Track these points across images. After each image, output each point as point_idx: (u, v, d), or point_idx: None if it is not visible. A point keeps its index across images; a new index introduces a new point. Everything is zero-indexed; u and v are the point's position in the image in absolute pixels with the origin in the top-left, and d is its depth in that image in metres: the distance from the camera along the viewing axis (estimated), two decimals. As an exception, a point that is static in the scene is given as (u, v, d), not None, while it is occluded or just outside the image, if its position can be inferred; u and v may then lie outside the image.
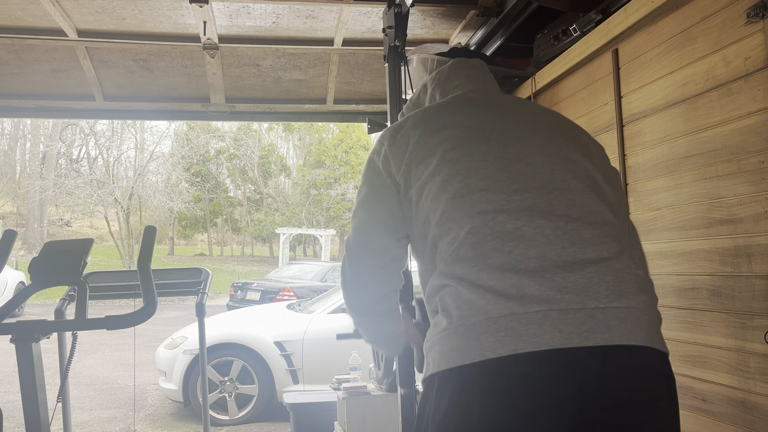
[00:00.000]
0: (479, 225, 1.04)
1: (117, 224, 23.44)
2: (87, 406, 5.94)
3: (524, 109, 1.33)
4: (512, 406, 0.92)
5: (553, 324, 0.92)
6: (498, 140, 1.17)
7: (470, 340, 0.95)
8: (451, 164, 1.13)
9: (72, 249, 2.69)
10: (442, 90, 1.44)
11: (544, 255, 0.97)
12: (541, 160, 1.13)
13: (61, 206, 26.22)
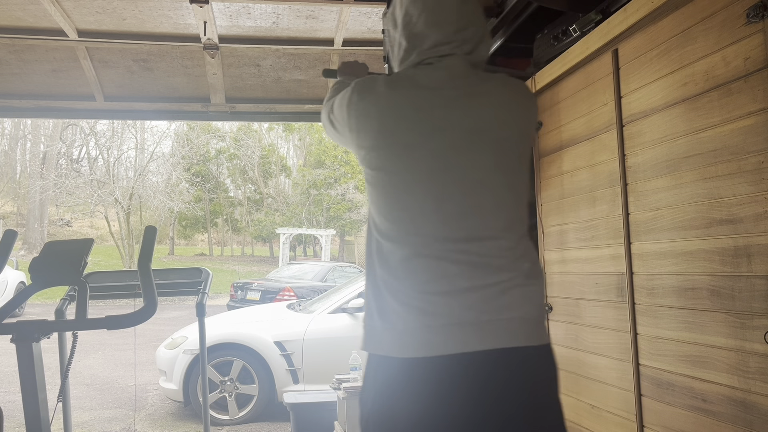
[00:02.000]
0: (413, 251, 1.30)
1: (117, 224, 23.46)
2: (87, 405, 5.94)
3: (476, 109, 1.37)
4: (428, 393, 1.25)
5: (456, 334, 1.25)
6: (442, 162, 1.33)
7: (396, 340, 1.28)
8: (407, 175, 1.33)
9: (72, 249, 2.69)
10: (417, 56, 1.43)
11: (454, 282, 1.27)
12: (467, 186, 1.33)
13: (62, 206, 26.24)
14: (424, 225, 1.30)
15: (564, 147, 2.30)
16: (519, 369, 1.26)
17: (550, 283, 2.42)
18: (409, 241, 1.30)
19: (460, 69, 1.40)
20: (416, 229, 1.30)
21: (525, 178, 1.44)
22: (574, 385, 2.24)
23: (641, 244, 1.82)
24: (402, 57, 1.45)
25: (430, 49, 1.40)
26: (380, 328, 1.31)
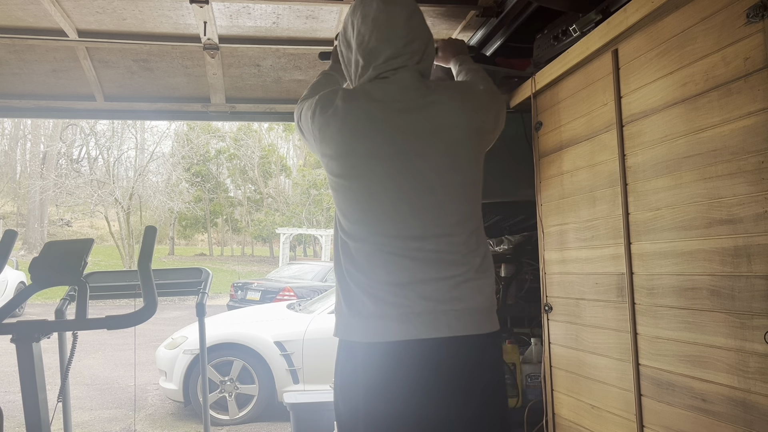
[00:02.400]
0: (375, 248, 1.43)
1: (117, 224, 23.46)
2: (87, 405, 5.94)
3: (427, 115, 1.51)
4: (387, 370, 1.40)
5: (413, 322, 1.38)
6: (399, 175, 1.46)
7: (360, 326, 1.43)
8: (370, 183, 1.47)
9: (72, 249, 2.69)
10: (373, 71, 1.57)
11: (412, 275, 1.41)
12: (420, 188, 1.46)
13: (62, 206, 26.23)
14: (383, 225, 1.43)
15: (564, 147, 2.30)
16: (471, 353, 1.40)
17: (550, 283, 2.42)
18: (370, 240, 1.43)
19: (411, 80, 1.53)
20: (376, 229, 1.43)
21: (478, 176, 1.58)
22: (574, 385, 2.24)
23: (641, 244, 1.82)
24: (360, 73, 1.59)
25: (384, 63, 1.54)
26: (347, 316, 1.46)
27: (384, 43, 1.53)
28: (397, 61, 1.53)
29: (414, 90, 1.51)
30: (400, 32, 1.53)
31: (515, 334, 2.81)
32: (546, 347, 2.45)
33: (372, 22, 1.53)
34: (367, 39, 1.54)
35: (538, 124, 2.50)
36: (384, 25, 1.53)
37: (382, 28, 1.53)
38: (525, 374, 2.68)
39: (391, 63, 1.54)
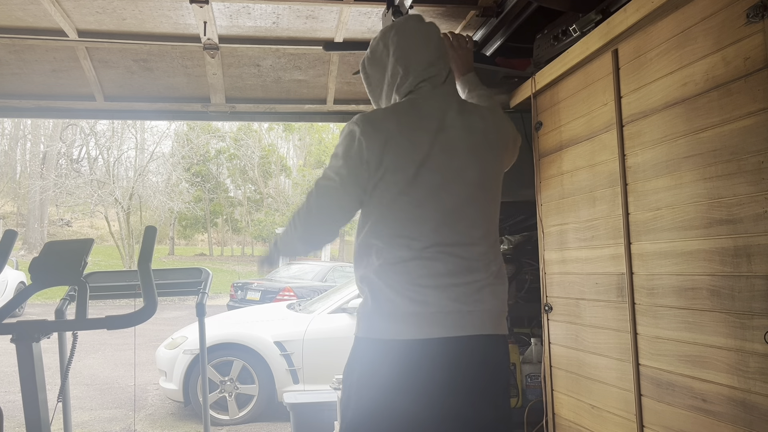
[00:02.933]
0: (410, 255, 1.53)
1: (117, 224, 23.45)
2: (87, 405, 5.94)
3: (467, 133, 1.64)
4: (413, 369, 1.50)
5: (442, 321, 1.50)
6: (443, 187, 1.58)
7: (389, 324, 1.52)
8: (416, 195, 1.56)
9: (72, 249, 2.69)
10: (414, 78, 1.69)
11: (442, 278, 1.53)
12: (457, 201, 1.58)
13: (62, 206, 26.23)
14: (421, 232, 1.54)
15: (564, 147, 2.30)
16: (486, 351, 1.54)
17: (550, 283, 2.42)
18: (407, 245, 1.53)
19: (450, 97, 1.68)
20: (414, 235, 1.53)
21: (500, 192, 1.72)
22: (574, 385, 2.24)
23: (641, 244, 1.82)
24: (399, 83, 1.69)
25: (425, 70, 1.67)
26: (375, 315, 1.54)
27: (423, 50, 1.69)
28: (434, 68, 1.68)
29: (455, 109, 1.65)
30: (433, 44, 1.71)
31: (515, 334, 2.81)
32: (546, 347, 2.45)
33: (412, 34, 1.70)
34: (407, 48, 1.69)
35: (538, 124, 2.50)
36: (423, 37, 1.71)
37: (422, 38, 1.70)
38: (525, 374, 2.68)
39: (430, 70, 1.67)
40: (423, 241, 1.53)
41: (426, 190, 1.56)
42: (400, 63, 1.68)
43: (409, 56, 1.68)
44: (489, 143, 1.66)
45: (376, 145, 1.55)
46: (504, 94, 2.69)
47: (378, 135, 1.55)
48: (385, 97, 1.74)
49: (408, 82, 1.67)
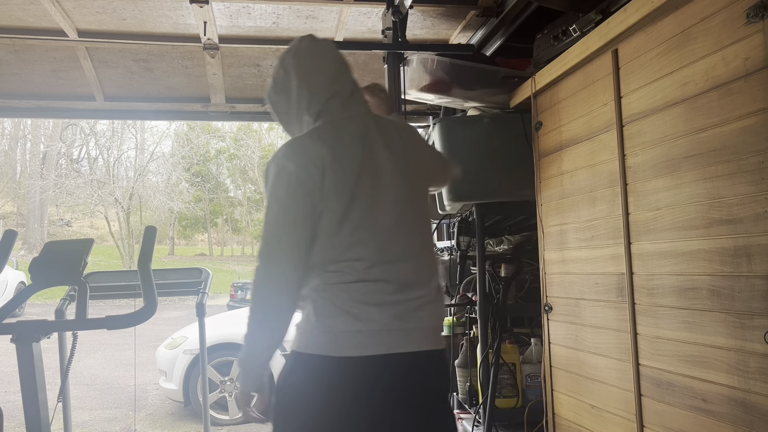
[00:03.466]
0: (354, 278, 1.53)
1: (117, 224, 23.44)
2: (87, 405, 5.94)
3: (392, 150, 1.66)
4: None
5: (384, 338, 1.52)
6: (380, 203, 1.59)
7: (332, 341, 1.52)
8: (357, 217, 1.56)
9: (72, 249, 2.69)
10: (319, 96, 1.70)
11: (384, 296, 1.55)
12: (394, 219, 1.59)
13: (62, 206, 26.21)
14: (363, 254, 1.54)
15: (564, 147, 2.30)
16: (427, 366, 1.58)
17: (550, 283, 2.42)
18: (350, 267, 1.54)
19: (362, 115, 1.70)
20: (356, 257, 1.54)
21: (428, 207, 1.75)
22: (574, 385, 2.24)
23: (641, 244, 1.82)
24: (307, 104, 1.68)
25: (327, 88, 1.68)
26: (318, 331, 1.53)
27: (322, 68, 1.70)
28: (336, 84, 1.70)
29: (373, 128, 1.67)
30: (331, 59, 1.73)
31: (515, 334, 2.81)
32: (546, 347, 2.45)
33: (308, 55, 1.71)
34: (306, 69, 1.70)
35: (538, 124, 2.50)
36: (320, 55, 1.72)
37: (318, 57, 1.72)
38: (525, 374, 2.68)
39: (333, 86, 1.69)
40: (365, 263, 1.54)
41: (362, 212, 1.55)
42: (303, 85, 1.69)
43: (310, 76, 1.69)
44: (411, 159, 1.69)
45: (315, 174, 1.53)
46: (504, 94, 2.69)
47: (314, 165, 1.53)
48: (296, 121, 1.74)
49: (315, 101, 1.68)
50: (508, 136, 2.64)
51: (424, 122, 3.75)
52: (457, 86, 2.65)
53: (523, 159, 2.60)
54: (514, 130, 2.62)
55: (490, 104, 2.73)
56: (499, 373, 2.59)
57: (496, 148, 2.65)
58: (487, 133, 2.66)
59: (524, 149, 2.59)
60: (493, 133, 2.66)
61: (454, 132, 2.68)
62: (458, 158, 2.66)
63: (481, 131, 2.67)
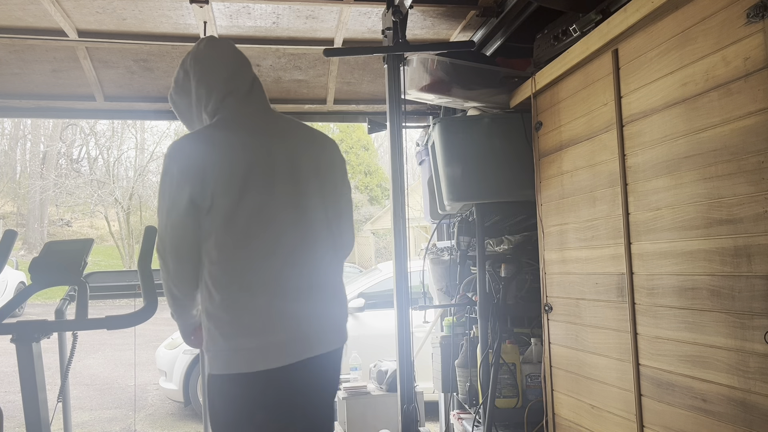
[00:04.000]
0: (254, 281, 1.59)
1: (117, 224, 23.42)
2: (87, 406, 5.94)
3: (291, 149, 1.71)
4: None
5: (296, 347, 1.62)
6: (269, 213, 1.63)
7: (245, 358, 1.58)
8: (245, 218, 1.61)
9: (72, 249, 2.69)
10: (216, 95, 1.75)
11: (289, 306, 1.63)
12: (290, 227, 1.65)
13: (62, 206, 26.19)
14: (252, 251, 1.59)
15: (564, 147, 2.30)
16: (332, 362, 1.73)
17: (550, 283, 2.42)
18: (250, 279, 1.58)
19: (259, 113, 1.75)
20: (256, 263, 1.59)
21: (332, 212, 1.75)
22: (574, 385, 2.24)
23: (641, 244, 1.82)
24: (205, 102, 1.74)
25: (224, 87, 1.73)
26: (230, 351, 1.57)
27: (219, 67, 1.76)
28: (233, 81, 1.75)
29: (272, 127, 1.72)
30: (228, 59, 1.78)
31: (515, 334, 2.81)
32: (546, 347, 2.45)
33: (206, 56, 1.77)
34: (204, 69, 1.75)
35: (538, 124, 2.50)
36: (217, 55, 1.78)
37: (215, 57, 1.77)
38: (525, 374, 2.68)
39: (229, 84, 1.74)
40: (263, 269, 1.59)
41: (251, 209, 1.60)
42: (202, 84, 1.75)
43: (208, 76, 1.75)
44: (308, 162, 1.71)
45: (197, 174, 1.58)
46: (504, 94, 2.69)
47: (196, 165, 1.59)
48: (196, 119, 1.81)
49: (213, 100, 1.73)
50: (508, 136, 2.64)
51: (424, 122, 3.75)
52: (457, 86, 2.65)
53: (523, 159, 2.60)
54: (514, 130, 2.63)
55: (490, 104, 2.73)
56: (499, 373, 2.59)
57: (496, 148, 2.65)
58: (487, 133, 2.66)
59: (524, 149, 2.59)
60: (493, 133, 2.66)
61: (454, 132, 2.68)
62: (458, 158, 2.66)
63: (481, 131, 2.67)
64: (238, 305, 1.58)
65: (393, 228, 2.52)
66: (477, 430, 2.65)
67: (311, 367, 1.63)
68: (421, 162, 3.49)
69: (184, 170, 1.60)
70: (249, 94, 1.76)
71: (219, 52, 1.78)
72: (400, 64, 2.59)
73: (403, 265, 2.49)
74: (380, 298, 5.54)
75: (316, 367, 1.65)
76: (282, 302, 1.60)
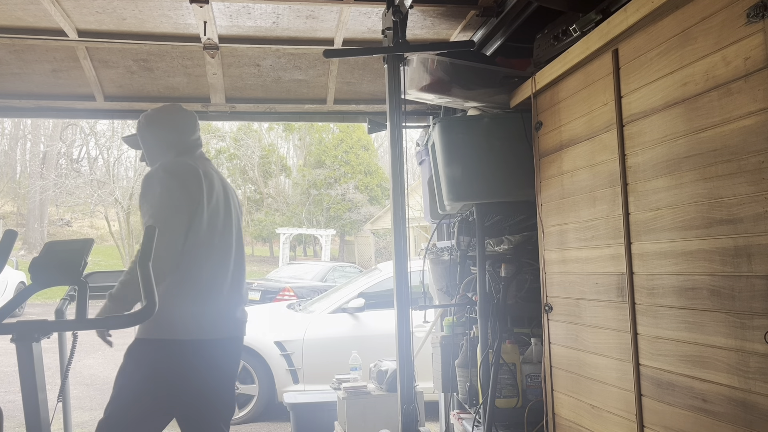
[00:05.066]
0: (211, 277, 2.31)
1: (117, 224, 23.43)
2: (87, 405, 5.94)
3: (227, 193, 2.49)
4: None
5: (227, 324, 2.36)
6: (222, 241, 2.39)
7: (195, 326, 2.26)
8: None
9: (72, 249, 2.68)
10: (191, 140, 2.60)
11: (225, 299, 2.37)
12: (232, 251, 2.41)
13: (62, 206, 26.20)
14: (203, 262, 2.27)
15: (564, 147, 2.30)
16: (238, 345, 2.41)
17: (550, 283, 2.42)
18: (211, 277, 2.29)
19: (205, 161, 2.50)
20: (196, 264, 2.26)
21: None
22: (574, 385, 2.24)
23: (641, 244, 1.82)
24: (172, 148, 2.46)
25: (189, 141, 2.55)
26: (190, 316, 2.22)
27: (178, 130, 2.59)
28: (195, 137, 2.67)
29: (216, 174, 2.45)
30: (188, 126, 2.71)
31: (515, 334, 2.81)
32: (546, 347, 2.45)
33: (171, 121, 2.57)
34: (167, 132, 2.52)
35: (538, 124, 2.50)
36: (176, 122, 2.60)
37: (174, 123, 2.58)
38: (525, 374, 2.67)
39: (194, 138, 2.64)
40: (218, 273, 2.30)
41: (210, 238, 2.29)
42: (174, 134, 2.50)
43: (178, 132, 2.50)
44: (235, 207, 2.47)
45: (198, 185, 2.28)
46: (504, 94, 2.68)
47: (195, 178, 2.28)
48: (160, 155, 2.45)
49: (181, 146, 2.47)
50: (508, 136, 2.64)
51: (424, 122, 3.75)
52: (457, 86, 2.64)
53: (523, 159, 2.60)
54: (514, 130, 2.62)
55: (490, 104, 2.73)
56: (499, 373, 2.59)
57: (496, 148, 2.65)
58: (487, 133, 2.66)
59: (524, 149, 2.59)
60: (493, 133, 2.66)
61: (454, 132, 2.68)
62: (458, 158, 2.66)
63: (481, 131, 2.67)
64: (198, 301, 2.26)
65: (393, 228, 2.52)
66: (477, 430, 2.65)
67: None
68: (421, 162, 3.49)
69: (187, 180, 2.33)
70: (200, 148, 2.61)
71: (190, 117, 2.67)
72: (400, 64, 2.59)
73: (403, 265, 2.49)
74: (380, 298, 5.55)
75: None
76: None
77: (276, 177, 31.13)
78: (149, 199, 2.20)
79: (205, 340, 2.22)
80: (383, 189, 26.27)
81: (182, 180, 2.22)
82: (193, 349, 2.20)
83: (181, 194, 2.20)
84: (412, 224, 4.38)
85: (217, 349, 2.27)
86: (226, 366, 2.34)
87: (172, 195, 2.18)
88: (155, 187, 2.20)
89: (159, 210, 2.16)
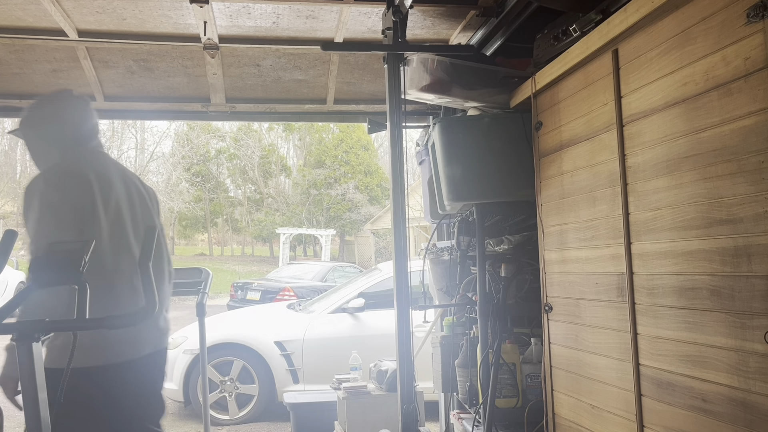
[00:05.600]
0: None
1: (117, 224, 23.40)
2: (87, 406, 5.92)
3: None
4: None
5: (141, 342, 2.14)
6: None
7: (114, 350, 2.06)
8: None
9: (72, 249, 2.68)
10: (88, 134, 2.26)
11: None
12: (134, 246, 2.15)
13: (62, 206, 26.19)
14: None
15: (564, 147, 2.30)
16: (163, 357, 2.26)
17: (550, 283, 2.42)
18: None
19: (101, 157, 2.23)
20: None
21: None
22: (574, 385, 2.24)
23: (641, 244, 1.82)
24: (54, 148, 2.14)
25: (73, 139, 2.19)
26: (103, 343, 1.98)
27: (66, 123, 2.24)
28: (86, 129, 2.28)
29: (113, 173, 2.20)
30: (79, 116, 2.30)
31: (515, 334, 2.81)
32: (546, 347, 2.45)
33: (59, 118, 2.25)
34: (63, 120, 2.24)
35: (538, 124, 2.50)
36: (61, 113, 2.28)
37: (59, 115, 2.27)
38: (525, 374, 2.67)
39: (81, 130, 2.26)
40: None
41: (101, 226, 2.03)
42: (60, 129, 2.17)
43: (66, 125, 2.18)
44: (143, 201, 2.23)
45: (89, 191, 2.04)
46: (504, 94, 2.69)
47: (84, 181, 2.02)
48: (45, 154, 2.16)
49: (60, 146, 2.13)
50: (508, 136, 2.64)
51: (424, 122, 3.75)
52: (457, 86, 2.64)
53: (523, 159, 2.60)
54: (514, 130, 2.63)
55: (490, 104, 2.73)
56: (499, 373, 2.59)
57: (496, 148, 2.65)
58: (487, 133, 2.66)
59: (524, 149, 2.59)
60: (493, 133, 2.66)
61: (454, 132, 2.68)
62: (458, 158, 2.66)
63: (481, 131, 2.67)
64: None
65: (393, 228, 2.52)
66: (477, 430, 2.65)
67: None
68: (421, 162, 3.49)
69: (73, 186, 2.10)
70: (96, 138, 2.31)
71: (82, 106, 2.37)
72: (400, 64, 2.59)
73: (403, 265, 2.49)
74: (380, 298, 5.55)
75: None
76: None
77: (276, 177, 31.15)
78: (30, 216, 1.92)
79: (125, 362, 1.98)
80: (383, 189, 26.27)
81: (66, 192, 1.96)
82: (113, 374, 1.96)
83: (65, 209, 1.93)
84: (412, 224, 4.39)
85: (139, 368, 2.05)
86: (152, 383, 2.17)
87: (54, 211, 1.92)
88: (34, 203, 1.92)
89: (40, 228, 1.90)
